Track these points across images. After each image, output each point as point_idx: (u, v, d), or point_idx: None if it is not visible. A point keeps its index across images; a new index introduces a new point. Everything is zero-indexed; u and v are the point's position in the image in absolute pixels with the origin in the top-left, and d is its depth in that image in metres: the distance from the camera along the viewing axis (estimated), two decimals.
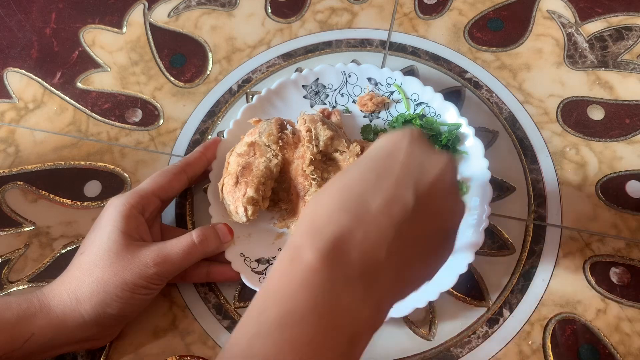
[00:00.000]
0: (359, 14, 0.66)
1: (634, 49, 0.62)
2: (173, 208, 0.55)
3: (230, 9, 0.67)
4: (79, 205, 0.56)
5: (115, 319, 0.45)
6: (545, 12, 0.65)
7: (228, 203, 0.49)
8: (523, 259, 0.52)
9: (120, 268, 0.43)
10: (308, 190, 0.49)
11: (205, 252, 0.47)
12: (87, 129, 0.60)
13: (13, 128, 0.61)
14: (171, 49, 0.65)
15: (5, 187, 0.57)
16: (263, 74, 0.62)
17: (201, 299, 0.51)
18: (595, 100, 0.59)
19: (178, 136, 0.59)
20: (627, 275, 0.51)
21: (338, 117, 0.55)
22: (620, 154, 0.56)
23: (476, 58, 0.62)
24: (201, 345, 0.49)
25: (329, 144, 0.49)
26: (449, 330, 0.49)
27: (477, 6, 0.65)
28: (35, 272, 0.53)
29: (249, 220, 0.48)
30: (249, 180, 0.47)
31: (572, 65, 0.61)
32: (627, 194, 0.54)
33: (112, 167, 0.58)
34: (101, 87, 0.63)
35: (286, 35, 0.65)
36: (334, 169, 0.50)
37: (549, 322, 0.49)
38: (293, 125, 0.52)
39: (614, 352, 0.48)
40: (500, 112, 0.59)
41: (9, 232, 0.55)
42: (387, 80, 0.57)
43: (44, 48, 0.66)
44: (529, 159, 0.56)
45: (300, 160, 0.49)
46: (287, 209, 0.51)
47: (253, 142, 0.49)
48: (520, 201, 0.54)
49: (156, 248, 0.44)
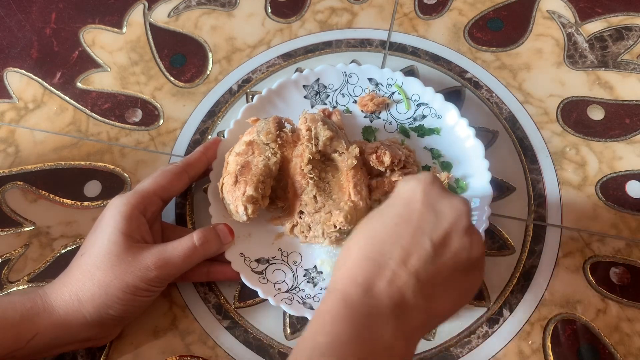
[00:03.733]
0: (359, 14, 0.66)
1: (634, 49, 0.62)
2: (173, 208, 0.55)
3: (230, 9, 0.67)
4: (79, 205, 0.56)
5: (116, 320, 0.45)
6: (545, 12, 0.65)
7: (228, 202, 0.49)
8: (523, 259, 0.52)
9: (121, 271, 0.43)
10: (305, 189, 0.49)
11: (205, 254, 0.47)
12: (87, 129, 0.60)
13: (13, 128, 0.61)
14: (171, 49, 0.65)
15: (5, 187, 0.57)
16: (263, 74, 0.62)
17: (201, 299, 0.51)
18: (595, 100, 0.59)
19: (178, 136, 0.59)
20: (627, 275, 0.51)
21: (338, 117, 0.55)
22: (620, 154, 0.56)
23: (476, 58, 0.62)
24: (201, 345, 0.49)
25: (328, 144, 0.49)
26: (449, 330, 0.49)
27: (477, 6, 0.65)
28: (35, 272, 0.53)
29: (249, 219, 0.48)
30: (248, 179, 0.47)
31: (572, 65, 0.61)
32: (627, 194, 0.54)
33: (112, 167, 0.58)
34: (101, 87, 0.63)
35: (286, 35, 0.65)
36: (332, 170, 0.50)
37: (549, 322, 0.49)
38: (291, 124, 0.52)
39: (614, 352, 0.48)
40: (500, 112, 0.59)
41: (9, 232, 0.55)
42: (388, 80, 0.57)
43: (44, 48, 0.66)
44: (529, 159, 0.56)
45: (299, 158, 0.49)
46: (284, 207, 0.51)
47: (251, 141, 0.49)
48: (520, 201, 0.54)
49: (157, 251, 0.44)
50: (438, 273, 0.35)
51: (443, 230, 0.35)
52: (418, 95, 0.56)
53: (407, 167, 0.52)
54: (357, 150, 0.49)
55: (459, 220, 0.36)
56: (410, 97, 0.56)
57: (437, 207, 0.36)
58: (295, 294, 0.49)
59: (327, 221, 0.47)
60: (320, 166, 0.50)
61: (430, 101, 0.55)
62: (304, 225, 0.49)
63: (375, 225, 0.37)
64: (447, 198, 0.37)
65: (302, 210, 0.49)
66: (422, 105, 0.56)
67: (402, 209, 0.37)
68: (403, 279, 0.34)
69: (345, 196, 0.48)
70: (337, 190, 0.49)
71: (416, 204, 0.36)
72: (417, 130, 0.55)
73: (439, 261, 0.35)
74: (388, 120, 0.56)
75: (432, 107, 0.55)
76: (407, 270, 0.34)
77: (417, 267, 0.34)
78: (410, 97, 0.56)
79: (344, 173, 0.49)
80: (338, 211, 0.47)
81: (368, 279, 0.34)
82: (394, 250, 0.35)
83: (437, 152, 0.54)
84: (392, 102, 0.57)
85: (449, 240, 0.35)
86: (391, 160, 0.50)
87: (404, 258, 0.35)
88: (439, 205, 0.36)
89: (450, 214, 0.36)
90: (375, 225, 0.37)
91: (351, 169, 0.49)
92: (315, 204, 0.48)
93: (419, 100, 0.56)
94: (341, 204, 0.48)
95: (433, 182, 0.38)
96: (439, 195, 0.37)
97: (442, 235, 0.35)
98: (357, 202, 0.47)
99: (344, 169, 0.49)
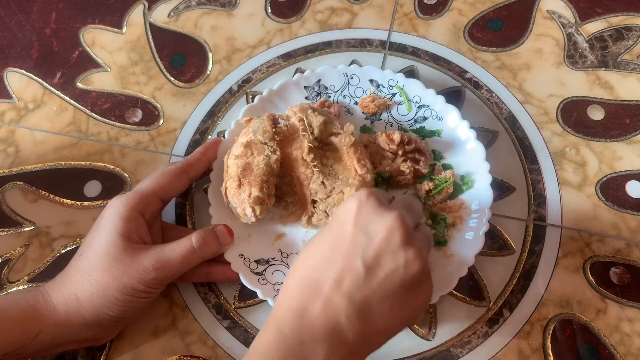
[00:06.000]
0: (359, 14, 0.66)
1: (634, 49, 0.62)
2: (173, 208, 0.55)
3: (230, 9, 0.67)
4: (79, 205, 0.56)
5: (115, 321, 0.45)
6: (545, 12, 0.65)
7: (234, 206, 0.48)
8: (523, 259, 0.52)
9: (119, 272, 0.43)
10: (311, 178, 0.49)
11: (204, 256, 0.47)
12: (87, 129, 0.60)
13: (13, 128, 0.61)
14: (171, 49, 0.65)
15: (5, 187, 0.57)
16: (263, 74, 0.62)
17: (201, 299, 0.51)
18: (595, 100, 0.59)
19: (178, 136, 0.59)
20: (627, 275, 0.51)
21: (336, 109, 0.55)
22: (620, 154, 0.56)
23: (476, 58, 0.62)
24: (201, 345, 0.49)
25: (323, 129, 0.50)
26: (449, 330, 0.49)
27: (477, 6, 0.65)
28: (35, 272, 0.53)
29: (257, 220, 0.48)
30: (252, 180, 0.48)
31: (572, 65, 0.61)
32: (627, 194, 0.54)
33: (112, 167, 0.58)
34: (101, 87, 0.63)
35: (286, 35, 0.65)
36: (332, 153, 0.51)
37: (549, 322, 0.49)
38: (285, 119, 0.52)
39: (614, 352, 0.48)
40: (500, 112, 0.59)
41: (9, 232, 0.55)
42: (389, 82, 0.57)
43: (44, 48, 0.66)
44: (529, 159, 0.56)
45: (299, 150, 0.50)
46: (294, 202, 0.51)
47: (249, 142, 0.49)
48: (520, 201, 0.54)
49: (155, 252, 0.44)
50: (373, 293, 0.35)
51: (374, 249, 0.36)
52: (419, 97, 0.56)
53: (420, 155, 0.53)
54: (352, 127, 0.50)
55: (390, 238, 0.36)
56: (412, 99, 0.56)
57: (369, 227, 0.36)
58: None
59: (342, 200, 0.48)
60: (320, 152, 0.50)
61: (431, 103, 0.55)
62: (321, 212, 0.50)
63: (312, 252, 0.37)
64: (379, 215, 0.37)
65: (314, 199, 0.50)
66: (423, 107, 0.56)
67: (337, 231, 0.37)
68: (336, 302, 0.35)
69: (351, 173, 0.49)
70: (342, 171, 0.50)
71: (348, 225, 0.37)
72: (418, 132, 0.55)
73: (373, 281, 0.35)
74: (389, 122, 0.56)
75: (433, 109, 0.55)
76: (340, 293, 0.35)
77: (350, 290, 0.35)
78: (412, 99, 0.56)
79: (344, 152, 0.50)
80: (349, 188, 0.48)
81: (302, 305, 0.35)
82: (327, 275, 0.35)
83: (439, 154, 0.54)
84: (393, 104, 0.57)
85: (382, 259, 0.35)
86: (401, 138, 0.51)
87: (337, 281, 0.35)
88: (371, 224, 0.36)
89: (381, 233, 0.36)
90: (312, 252, 0.37)
91: (350, 146, 0.49)
92: (325, 189, 0.49)
93: (420, 102, 0.56)
94: (350, 180, 0.48)
95: (367, 200, 0.38)
96: (373, 214, 0.37)
97: (374, 255, 0.35)
98: (364, 174, 0.48)
99: (343, 148, 0.50)
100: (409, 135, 0.52)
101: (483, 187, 0.51)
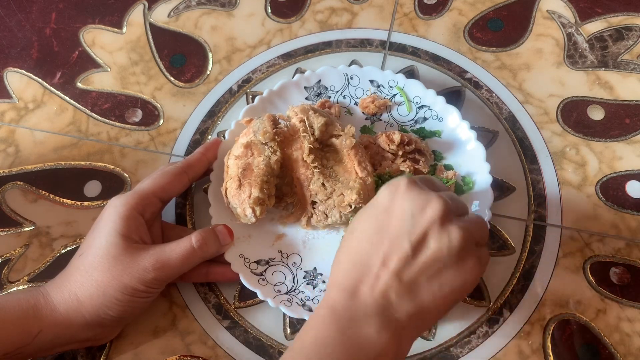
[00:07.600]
0: (359, 14, 0.66)
1: (634, 49, 0.62)
2: (173, 208, 0.55)
3: (230, 9, 0.67)
4: (79, 205, 0.56)
5: (115, 320, 0.45)
6: (545, 12, 0.65)
7: (235, 206, 0.48)
8: (523, 259, 0.52)
9: (119, 272, 0.43)
10: (311, 179, 0.49)
11: (204, 256, 0.47)
12: (87, 129, 0.60)
13: (13, 128, 0.61)
14: (171, 49, 0.65)
15: (5, 187, 0.57)
16: (263, 74, 0.62)
17: (201, 299, 0.51)
18: (595, 100, 0.59)
19: (178, 136, 0.59)
20: (627, 275, 0.51)
21: (336, 110, 0.55)
22: (620, 154, 0.56)
23: (476, 58, 0.62)
24: (201, 345, 0.49)
25: (324, 130, 0.50)
26: (449, 330, 0.49)
27: (477, 6, 0.65)
28: (35, 272, 0.53)
29: (257, 220, 0.48)
30: (252, 180, 0.48)
31: (572, 65, 0.61)
32: (627, 194, 0.54)
33: (112, 167, 0.58)
34: (101, 87, 0.63)
35: (286, 35, 0.65)
36: (332, 154, 0.51)
37: (549, 322, 0.49)
38: (285, 119, 0.52)
39: (614, 352, 0.48)
40: (500, 112, 0.59)
41: (9, 232, 0.55)
42: (390, 82, 0.56)
43: (44, 48, 0.66)
44: (529, 159, 0.56)
45: (299, 151, 0.50)
46: (294, 202, 0.51)
47: (249, 143, 0.49)
48: (520, 201, 0.54)
49: (155, 252, 0.44)
50: (421, 272, 0.37)
51: (420, 230, 0.37)
52: (419, 98, 0.56)
53: (420, 155, 0.53)
54: (352, 129, 0.50)
55: (433, 218, 0.37)
56: (412, 100, 0.56)
57: (414, 209, 0.38)
58: (295, 296, 0.49)
59: (342, 203, 0.48)
60: (321, 154, 0.51)
61: (431, 104, 0.55)
62: (320, 213, 0.50)
63: (359, 236, 0.39)
64: (422, 198, 0.38)
65: (314, 200, 0.50)
66: (424, 108, 0.56)
67: (382, 215, 0.38)
68: (386, 281, 0.36)
69: (352, 175, 0.49)
70: (342, 172, 0.50)
71: (394, 209, 0.38)
72: (418, 133, 0.55)
73: (420, 261, 0.37)
74: (389, 122, 0.56)
75: (433, 109, 0.55)
76: (389, 273, 0.36)
77: (398, 269, 0.36)
78: (412, 100, 0.56)
79: (345, 154, 0.50)
80: (349, 190, 0.48)
81: (353, 285, 0.37)
82: (376, 256, 0.37)
83: (439, 155, 0.54)
84: (394, 104, 0.57)
85: (427, 240, 0.37)
86: (401, 138, 0.51)
87: (386, 262, 0.37)
88: (415, 206, 0.38)
89: (427, 213, 0.37)
90: (359, 235, 0.39)
91: (351, 148, 0.49)
92: (325, 191, 0.49)
93: (420, 103, 0.56)
94: (350, 183, 0.48)
95: (408, 186, 0.39)
96: (416, 197, 0.38)
97: (419, 235, 0.37)
98: (365, 177, 0.48)
99: (344, 150, 0.50)
100: (409, 136, 0.52)
101: (483, 188, 0.51)
